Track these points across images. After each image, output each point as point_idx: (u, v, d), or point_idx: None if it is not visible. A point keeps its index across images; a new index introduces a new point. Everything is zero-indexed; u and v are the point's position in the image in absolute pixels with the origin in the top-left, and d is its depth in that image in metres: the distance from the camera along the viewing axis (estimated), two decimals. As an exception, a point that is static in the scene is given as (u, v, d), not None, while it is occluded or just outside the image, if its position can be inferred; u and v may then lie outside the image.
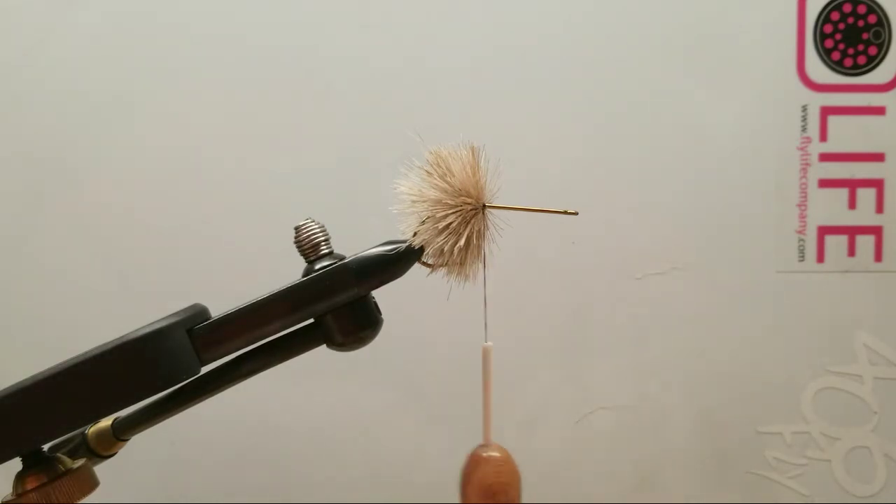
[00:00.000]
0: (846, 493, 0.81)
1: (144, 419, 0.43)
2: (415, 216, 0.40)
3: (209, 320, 0.40)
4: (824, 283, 0.80)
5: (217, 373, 0.41)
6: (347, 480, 0.81)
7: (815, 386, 0.81)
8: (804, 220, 0.79)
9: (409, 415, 0.80)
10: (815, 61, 0.78)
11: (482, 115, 0.77)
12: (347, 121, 0.78)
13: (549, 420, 0.81)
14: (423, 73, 0.77)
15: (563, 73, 0.78)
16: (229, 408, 0.68)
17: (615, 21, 0.78)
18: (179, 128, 0.78)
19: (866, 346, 0.80)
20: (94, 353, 0.37)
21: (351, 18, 0.77)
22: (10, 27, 0.76)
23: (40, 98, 0.77)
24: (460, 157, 0.40)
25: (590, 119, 0.78)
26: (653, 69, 0.78)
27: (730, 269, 0.80)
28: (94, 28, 0.76)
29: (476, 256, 0.40)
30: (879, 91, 0.78)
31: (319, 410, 0.80)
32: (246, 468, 0.80)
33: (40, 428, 0.37)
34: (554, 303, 0.80)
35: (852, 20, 0.78)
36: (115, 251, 0.79)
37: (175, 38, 0.77)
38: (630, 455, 0.81)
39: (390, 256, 0.40)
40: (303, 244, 0.41)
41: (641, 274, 0.80)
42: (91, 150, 0.78)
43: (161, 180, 0.78)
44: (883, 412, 0.80)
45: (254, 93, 0.77)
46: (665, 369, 0.81)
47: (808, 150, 0.79)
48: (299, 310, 0.40)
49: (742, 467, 0.81)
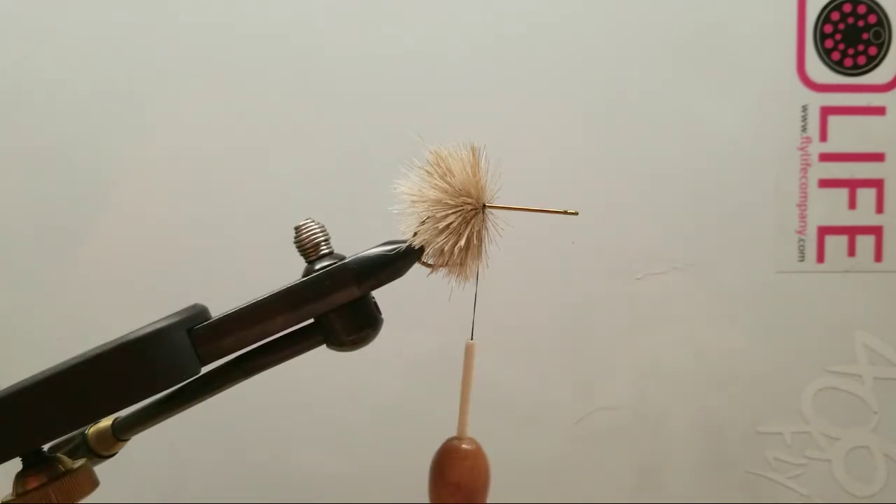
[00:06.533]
0: (846, 493, 0.81)
1: (144, 419, 0.43)
2: (415, 216, 0.40)
3: (209, 320, 0.40)
4: (824, 283, 0.80)
5: (217, 373, 0.41)
6: (348, 480, 0.81)
7: (815, 386, 0.81)
8: (804, 220, 0.79)
9: (412, 414, 0.80)
10: (815, 61, 0.78)
11: (482, 115, 0.77)
12: (347, 121, 0.78)
13: (549, 420, 0.81)
14: (423, 73, 0.77)
15: (562, 73, 0.78)
16: (229, 408, 0.68)
17: (615, 21, 0.78)
18: (179, 128, 0.78)
19: (866, 346, 0.80)
20: (94, 353, 0.37)
21: (351, 18, 0.77)
22: (12, 27, 0.76)
23: (40, 97, 0.77)
24: (460, 157, 0.40)
25: (589, 119, 0.78)
26: (652, 69, 0.78)
27: (730, 269, 0.80)
28: (95, 28, 0.76)
29: (476, 256, 0.40)
30: (879, 91, 0.78)
31: (320, 410, 0.80)
32: (246, 468, 0.80)
33: (40, 428, 0.37)
34: (554, 302, 0.80)
35: (852, 20, 0.78)
36: (115, 251, 0.79)
37: (175, 38, 0.77)
38: (630, 455, 0.81)
39: (390, 256, 0.40)
40: (303, 244, 0.41)
41: (641, 274, 0.80)
42: (91, 151, 0.77)
43: (160, 180, 0.78)
44: (883, 412, 0.80)
45: (253, 93, 0.77)
46: (665, 369, 0.81)
47: (808, 150, 0.79)
48: (299, 310, 0.40)
49: (742, 467, 0.81)
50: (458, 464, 0.41)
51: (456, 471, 0.41)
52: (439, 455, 0.42)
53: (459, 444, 0.42)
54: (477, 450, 0.42)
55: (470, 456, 0.41)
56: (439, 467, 0.41)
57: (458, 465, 0.41)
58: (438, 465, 0.42)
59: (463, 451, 0.42)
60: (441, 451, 0.42)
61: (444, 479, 0.41)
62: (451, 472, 0.41)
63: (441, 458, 0.42)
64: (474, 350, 0.43)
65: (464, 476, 0.41)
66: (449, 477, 0.41)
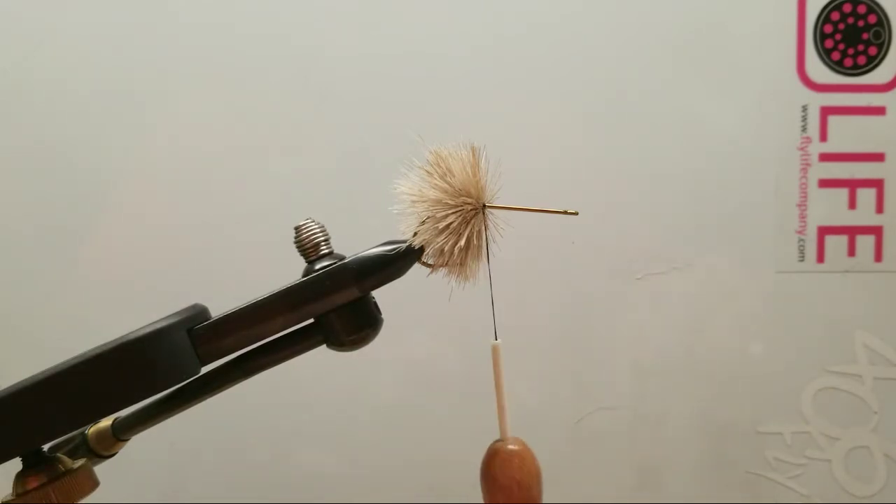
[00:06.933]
0: (846, 493, 0.81)
1: (144, 419, 0.43)
2: (415, 216, 0.40)
3: (209, 320, 0.40)
4: (824, 283, 0.80)
5: (217, 373, 0.41)
6: (348, 480, 0.81)
7: (815, 386, 0.81)
8: (804, 220, 0.79)
9: (412, 415, 0.80)
10: (815, 61, 0.78)
11: (482, 115, 0.77)
12: (347, 121, 0.78)
13: (549, 420, 0.81)
14: (423, 74, 0.77)
15: (562, 73, 0.78)
16: (229, 408, 0.68)
17: (615, 21, 0.78)
18: (179, 128, 0.78)
19: (866, 346, 0.80)
20: (94, 353, 0.37)
21: (351, 18, 0.77)
22: (12, 27, 0.76)
23: (40, 97, 0.77)
24: (460, 157, 0.40)
25: (589, 119, 0.78)
26: (652, 69, 0.78)
27: (730, 269, 0.80)
28: (95, 28, 0.76)
29: (476, 256, 0.40)
30: (879, 91, 0.78)
31: (320, 410, 0.80)
32: (246, 468, 0.80)
33: (40, 428, 0.37)
34: (554, 302, 0.80)
35: (852, 20, 0.78)
36: (115, 251, 0.79)
37: (175, 38, 0.77)
38: (630, 455, 0.81)
39: (390, 256, 0.40)
40: (303, 244, 0.41)
41: (641, 274, 0.80)
42: (91, 151, 0.77)
43: (160, 180, 0.78)
44: (883, 412, 0.80)
45: (253, 93, 0.77)
46: (665, 369, 0.81)
47: (808, 150, 0.79)
48: (299, 310, 0.40)
49: (742, 467, 0.81)
50: (508, 464, 0.41)
51: (507, 472, 0.41)
52: (488, 459, 0.42)
53: (505, 446, 0.42)
54: (524, 448, 0.42)
55: (517, 455, 0.41)
56: (491, 471, 0.41)
57: (508, 466, 0.41)
58: (490, 470, 0.41)
59: (510, 451, 0.42)
60: (488, 454, 0.42)
61: (498, 482, 0.41)
62: (503, 475, 0.41)
63: (490, 461, 0.42)
64: (500, 351, 0.42)
65: (515, 476, 0.41)
66: (502, 479, 0.41)
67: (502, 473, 0.41)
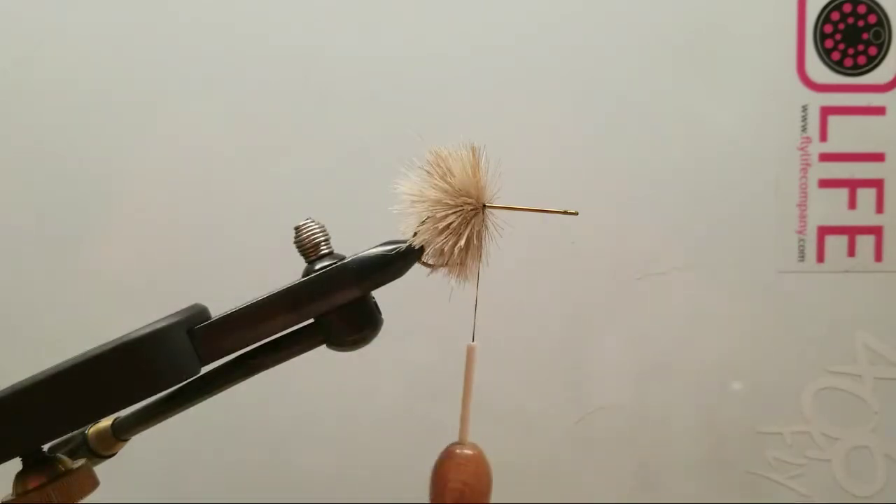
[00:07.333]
0: (846, 493, 0.81)
1: (144, 419, 0.43)
2: (415, 216, 0.40)
3: (209, 320, 0.40)
4: (824, 283, 0.80)
5: (217, 373, 0.41)
6: (348, 480, 0.81)
7: (815, 386, 0.81)
8: (804, 220, 0.79)
9: (412, 415, 0.80)
10: (815, 61, 0.78)
11: (482, 115, 0.77)
12: (347, 121, 0.78)
13: (548, 420, 0.81)
14: (423, 74, 0.77)
15: (562, 74, 0.78)
16: (229, 407, 0.68)
17: (615, 22, 0.78)
18: (179, 128, 0.78)
19: (866, 346, 0.80)
20: (94, 353, 0.37)
21: (351, 19, 0.77)
22: (12, 27, 0.76)
23: (40, 97, 0.77)
24: (460, 157, 0.40)
25: (589, 119, 0.78)
26: (652, 69, 0.78)
27: (730, 269, 0.80)
28: (95, 28, 0.76)
29: (476, 256, 0.40)
30: (879, 91, 0.78)
31: (320, 410, 0.80)
32: (246, 468, 0.80)
33: (40, 428, 0.37)
34: (554, 303, 0.80)
35: (852, 20, 0.78)
36: (115, 251, 0.79)
37: (175, 38, 0.77)
38: (630, 455, 0.81)
39: (390, 256, 0.40)
40: (303, 244, 0.41)
41: (641, 274, 0.80)
42: (91, 151, 0.77)
43: (161, 180, 0.78)
44: (883, 412, 0.80)
45: (253, 93, 0.77)
46: (665, 369, 0.81)
47: (808, 150, 0.79)
48: (299, 310, 0.40)
49: (742, 467, 0.81)
50: (461, 469, 0.40)
51: (458, 477, 0.40)
52: (441, 461, 0.41)
53: (461, 450, 0.41)
54: (478, 455, 0.41)
55: (472, 461, 0.41)
56: (441, 473, 0.41)
57: (460, 470, 0.40)
58: (440, 471, 0.41)
59: (464, 456, 0.41)
60: (442, 456, 0.41)
61: (447, 485, 0.41)
62: (454, 479, 0.40)
63: (442, 463, 0.41)
64: (475, 353, 0.42)
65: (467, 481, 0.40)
66: (451, 483, 0.40)
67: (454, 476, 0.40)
